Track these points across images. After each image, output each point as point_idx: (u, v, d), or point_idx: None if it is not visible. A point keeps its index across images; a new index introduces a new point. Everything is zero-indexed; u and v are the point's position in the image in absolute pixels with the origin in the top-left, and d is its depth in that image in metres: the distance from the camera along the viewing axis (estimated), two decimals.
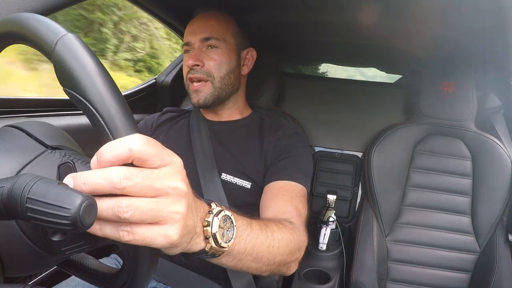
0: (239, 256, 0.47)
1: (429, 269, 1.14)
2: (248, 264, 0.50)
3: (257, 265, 0.52)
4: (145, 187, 0.30)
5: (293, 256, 0.60)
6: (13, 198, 0.26)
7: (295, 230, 0.63)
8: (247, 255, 0.48)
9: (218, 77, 0.89)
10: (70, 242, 0.34)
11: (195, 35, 0.89)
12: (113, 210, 0.29)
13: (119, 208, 0.29)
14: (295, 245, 0.60)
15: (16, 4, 0.51)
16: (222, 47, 0.89)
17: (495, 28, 0.91)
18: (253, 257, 0.50)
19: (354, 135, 1.42)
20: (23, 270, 0.36)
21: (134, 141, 0.30)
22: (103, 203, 0.29)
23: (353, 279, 1.09)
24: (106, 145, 0.30)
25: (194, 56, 0.88)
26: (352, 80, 1.60)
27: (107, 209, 0.29)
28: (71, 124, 0.97)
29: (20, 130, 0.37)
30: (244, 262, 0.49)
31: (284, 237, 0.57)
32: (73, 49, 0.31)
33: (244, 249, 0.47)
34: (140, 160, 0.30)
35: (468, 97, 1.15)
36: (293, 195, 0.76)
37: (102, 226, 0.31)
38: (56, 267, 0.44)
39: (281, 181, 0.79)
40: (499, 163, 1.10)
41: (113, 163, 0.29)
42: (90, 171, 0.29)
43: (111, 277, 0.42)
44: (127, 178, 0.29)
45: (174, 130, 0.97)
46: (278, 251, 0.54)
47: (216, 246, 0.41)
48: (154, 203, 0.31)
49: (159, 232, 0.31)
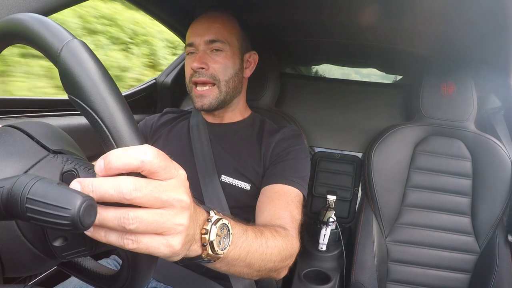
0: (232, 262, 0.49)
1: (429, 270, 1.14)
2: (240, 270, 0.52)
3: (248, 271, 0.53)
4: (153, 199, 0.30)
5: (284, 263, 0.62)
6: (13, 198, 0.26)
7: (288, 237, 0.64)
8: (240, 261, 0.50)
9: (223, 81, 0.88)
10: (71, 247, 0.34)
11: (199, 37, 0.87)
12: (119, 221, 0.30)
13: (125, 220, 0.30)
14: (287, 253, 0.61)
15: (16, 4, 0.51)
16: (227, 50, 0.88)
17: (495, 29, 0.91)
18: (245, 263, 0.51)
19: (354, 135, 1.42)
20: (23, 271, 0.36)
21: (147, 153, 0.30)
22: (109, 213, 0.30)
23: (353, 279, 1.09)
24: (114, 151, 0.30)
25: (199, 59, 0.86)
26: (352, 80, 1.60)
27: (113, 220, 0.30)
28: (71, 124, 0.97)
29: (21, 132, 0.37)
30: (236, 267, 0.51)
31: (277, 245, 0.58)
32: (79, 56, 0.31)
33: (238, 255, 0.49)
34: (150, 172, 0.31)
35: (468, 97, 1.15)
36: (289, 200, 0.76)
37: (107, 233, 0.31)
38: (56, 268, 0.44)
39: (278, 184, 0.79)
40: (499, 163, 1.10)
41: (121, 170, 0.30)
42: (99, 179, 0.29)
43: (110, 278, 0.42)
44: (137, 190, 0.29)
45: (174, 132, 0.97)
46: (270, 258, 0.56)
47: (212, 253, 0.42)
48: (159, 215, 0.31)
49: (162, 242, 0.32)
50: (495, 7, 0.81)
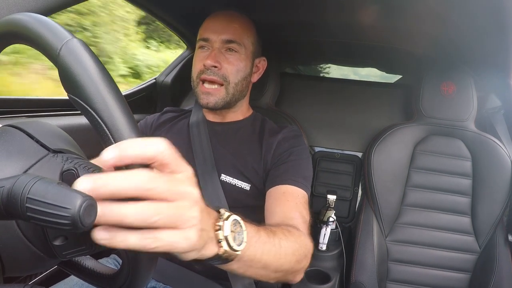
0: (249, 263, 0.47)
1: (429, 269, 1.14)
2: (256, 271, 0.51)
3: (265, 272, 0.52)
4: (167, 191, 0.30)
5: (300, 265, 0.61)
6: (13, 198, 0.26)
7: (302, 237, 0.63)
8: (257, 262, 0.49)
9: (232, 83, 0.87)
10: (71, 246, 0.34)
11: (217, 34, 0.85)
12: (141, 215, 0.29)
13: (148, 212, 0.29)
14: (301, 253, 0.60)
15: (16, 4, 0.51)
16: (242, 53, 0.87)
17: (495, 28, 0.91)
18: (261, 264, 0.50)
19: (354, 135, 1.42)
20: (23, 271, 0.36)
21: (160, 144, 0.30)
22: (128, 208, 0.28)
23: (353, 279, 1.09)
24: (127, 141, 0.30)
25: (213, 56, 0.84)
26: (353, 80, 1.60)
27: (134, 214, 0.28)
28: (71, 124, 0.97)
29: (21, 131, 0.37)
30: (253, 269, 0.49)
31: (291, 245, 0.57)
32: (79, 55, 0.31)
33: (254, 255, 0.48)
34: (162, 163, 0.31)
35: (468, 97, 1.15)
36: (297, 200, 0.76)
37: (126, 237, 0.29)
38: (56, 267, 0.44)
39: (284, 185, 0.79)
40: (499, 163, 1.10)
41: (134, 160, 0.29)
42: (111, 173, 0.28)
43: (110, 277, 0.42)
44: (153, 181, 0.29)
45: (174, 130, 0.97)
46: (286, 259, 0.55)
47: (229, 249, 0.41)
48: (176, 207, 0.31)
49: (180, 236, 0.32)
50: (495, 7, 0.81)
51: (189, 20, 1.23)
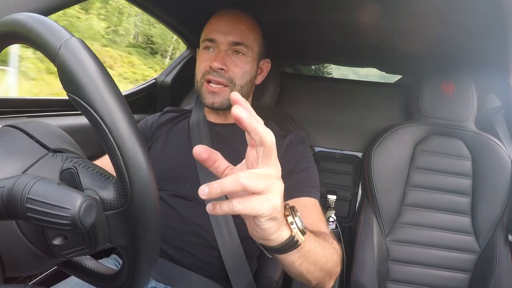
0: (306, 254, 0.51)
1: (429, 269, 1.14)
2: (308, 267, 0.54)
3: (314, 268, 0.55)
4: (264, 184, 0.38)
5: (337, 268, 0.62)
6: (13, 198, 0.26)
7: (334, 243, 0.65)
8: (311, 254, 0.53)
9: (238, 86, 0.86)
10: (71, 246, 0.34)
11: (223, 35, 0.84)
12: (235, 179, 0.36)
13: (239, 177, 0.36)
14: (337, 257, 0.62)
15: (16, 4, 0.51)
16: (249, 55, 0.86)
17: (494, 28, 0.91)
18: (313, 258, 0.53)
19: (354, 135, 1.42)
20: (23, 271, 0.36)
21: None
22: (226, 179, 0.36)
23: (353, 279, 1.09)
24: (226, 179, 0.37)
25: (221, 59, 0.82)
26: (352, 80, 1.60)
27: (230, 182, 0.36)
28: (71, 124, 0.97)
29: (21, 131, 0.37)
30: (307, 263, 0.53)
31: (328, 246, 0.59)
32: (77, 54, 0.31)
33: (309, 247, 0.52)
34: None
35: (468, 97, 1.15)
36: (318, 212, 0.77)
37: (221, 205, 0.38)
38: (56, 267, 0.44)
39: (302, 198, 0.79)
40: (499, 163, 1.10)
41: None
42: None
43: (110, 277, 0.42)
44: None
45: (175, 131, 0.96)
46: (328, 258, 0.57)
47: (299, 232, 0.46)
48: (263, 174, 0.39)
49: (264, 199, 0.38)
50: (495, 7, 0.81)
51: (189, 20, 1.23)
